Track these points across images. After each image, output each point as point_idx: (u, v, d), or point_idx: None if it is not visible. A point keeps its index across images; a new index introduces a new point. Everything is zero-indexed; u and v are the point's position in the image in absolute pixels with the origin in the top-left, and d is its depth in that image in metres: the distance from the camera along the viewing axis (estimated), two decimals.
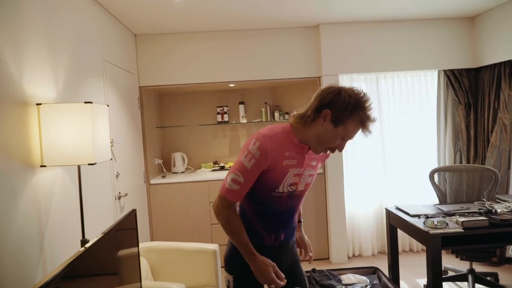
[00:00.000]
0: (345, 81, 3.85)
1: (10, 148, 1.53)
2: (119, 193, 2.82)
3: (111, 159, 1.95)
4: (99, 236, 1.43)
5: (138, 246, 1.82)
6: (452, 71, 3.78)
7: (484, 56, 3.66)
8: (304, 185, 1.48)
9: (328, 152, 1.42)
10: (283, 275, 1.40)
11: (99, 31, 2.66)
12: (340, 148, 1.36)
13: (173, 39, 3.63)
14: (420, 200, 3.87)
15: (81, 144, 1.69)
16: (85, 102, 1.70)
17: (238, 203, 1.48)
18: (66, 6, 2.14)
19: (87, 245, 1.31)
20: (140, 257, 2.46)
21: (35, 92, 1.73)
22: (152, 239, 3.64)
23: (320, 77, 3.74)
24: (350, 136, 1.33)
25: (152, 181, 3.63)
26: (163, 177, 3.79)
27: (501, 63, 3.46)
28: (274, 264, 1.41)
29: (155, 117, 4.04)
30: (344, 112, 1.29)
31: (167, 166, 4.12)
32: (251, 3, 2.98)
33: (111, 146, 2.70)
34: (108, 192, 2.62)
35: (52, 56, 1.93)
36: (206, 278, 2.48)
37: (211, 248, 2.50)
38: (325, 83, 3.66)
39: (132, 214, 1.78)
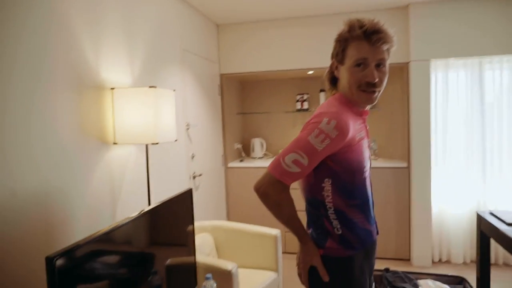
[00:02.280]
0: (439, 67, 3.42)
1: (88, 127, 1.79)
2: (194, 173, 3.04)
3: (176, 140, 2.11)
4: (154, 205, 1.59)
5: (193, 222, 1.95)
6: None
7: None
8: None
9: (372, 92, 1.22)
10: None
11: (179, 22, 2.87)
12: (371, 77, 1.18)
13: (253, 27, 3.70)
14: None
15: (146, 125, 1.87)
16: (150, 87, 1.87)
17: (331, 211, 1.24)
18: None
19: (141, 211, 1.47)
20: (207, 234, 2.64)
21: (111, 78, 1.97)
22: (228, 219, 3.84)
23: (408, 62, 3.39)
24: (359, 57, 1.19)
25: (230, 165, 3.81)
26: (241, 161, 3.95)
27: None
28: None
29: (236, 104, 4.21)
30: (339, 49, 1.25)
31: (246, 151, 4.27)
32: None
33: (187, 129, 2.92)
34: (183, 172, 2.85)
35: (129, 45, 2.16)
36: (267, 261, 2.53)
37: (273, 233, 2.54)
38: (415, 70, 3.33)
39: (188, 192, 1.91)
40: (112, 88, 1.93)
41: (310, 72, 3.77)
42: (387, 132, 3.95)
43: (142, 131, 1.88)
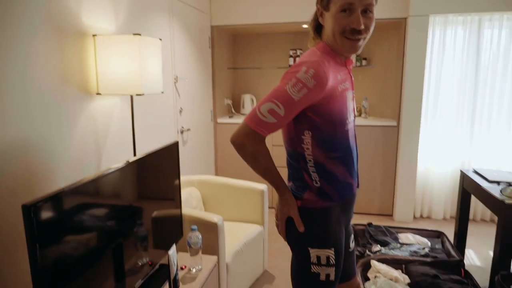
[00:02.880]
0: (438, 23, 3.32)
1: (69, 76, 1.72)
2: (182, 127, 3.01)
3: (162, 92, 2.05)
4: (139, 156, 1.57)
5: (179, 175, 1.95)
6: None
7: None
8: None
9: (357, 40, 1.16)
10: None
11: None
12: (356, 23, 1.12)
13: None
14: None
15: (130, 75, 1.80)
16: (134, 34, 1.78)
17: (310, 163, 1.23)
18: None
19: (126, 162, 1.45)
20: (194, 188, 2.66)
21: (93, 24, 1.87)
22: (217, 175, 3.88)
23: (406, 18, 3.28)
24: (345, 2, 1.11)
25: (219, 120, 3.78)
26: (230, 117, 3.91)
27: None
28: None
29: (227, 58, 4.09)
30: None
31: (236, 107, 4.22)
32: None
33: (175, 82, 2.84)
34: (171, 125, 2.82)
35: None
36: (253, 215, 2.59)
37: (260, 188, 2.56)
38: (413, 25, 3.23)
39: (174, 145, 1.89)
40: (94, 35, 1.83)
41: (305, 26, 3.64)
42: (380, 91, 3.91)
43: (127, 81, 1.81)
